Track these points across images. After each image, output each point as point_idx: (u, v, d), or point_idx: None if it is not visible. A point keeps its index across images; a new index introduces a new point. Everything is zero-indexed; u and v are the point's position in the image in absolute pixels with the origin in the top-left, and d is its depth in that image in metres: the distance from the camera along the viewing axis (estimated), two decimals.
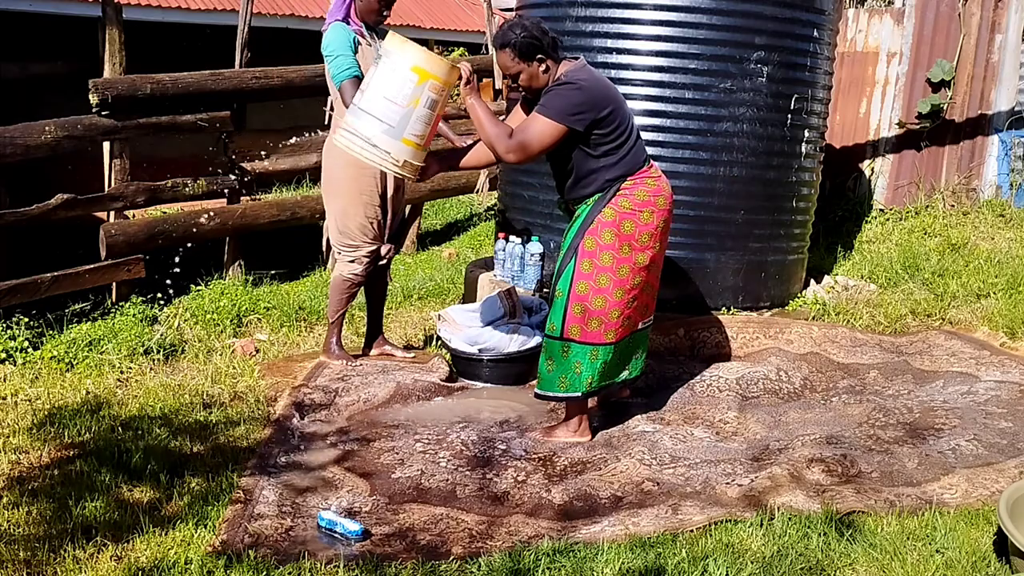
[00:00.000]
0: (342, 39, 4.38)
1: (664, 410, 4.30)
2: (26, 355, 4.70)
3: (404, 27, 12.08)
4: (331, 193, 4.60)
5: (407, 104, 3.69)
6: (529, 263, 5.39)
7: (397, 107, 3.69)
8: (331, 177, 4.58)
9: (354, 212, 4.54)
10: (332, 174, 4.57)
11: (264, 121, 6.69)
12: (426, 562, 2.92)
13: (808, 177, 5.63)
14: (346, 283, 4.71)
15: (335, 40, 4.38)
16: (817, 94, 5.52)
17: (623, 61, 5.22)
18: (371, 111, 3.72)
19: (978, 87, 7.39)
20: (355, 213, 4.54)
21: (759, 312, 5.47)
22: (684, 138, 5.20)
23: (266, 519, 3.18)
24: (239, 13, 6.41)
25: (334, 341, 4.82)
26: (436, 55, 3.88)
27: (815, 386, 4.59)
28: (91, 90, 5.30)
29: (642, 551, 2.95)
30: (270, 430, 3.97)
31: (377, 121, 3.70)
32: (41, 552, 2.92)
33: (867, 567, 2.94)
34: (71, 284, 5.28)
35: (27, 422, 3.96)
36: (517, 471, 3.68)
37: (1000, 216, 7.12)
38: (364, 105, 3.75)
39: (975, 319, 5.39)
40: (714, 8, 5.10)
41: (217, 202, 6.41)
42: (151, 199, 5.80)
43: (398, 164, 3.76)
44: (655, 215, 3.84)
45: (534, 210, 5.59)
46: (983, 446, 3.83)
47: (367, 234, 4.60)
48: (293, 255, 6.13)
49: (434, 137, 3.93)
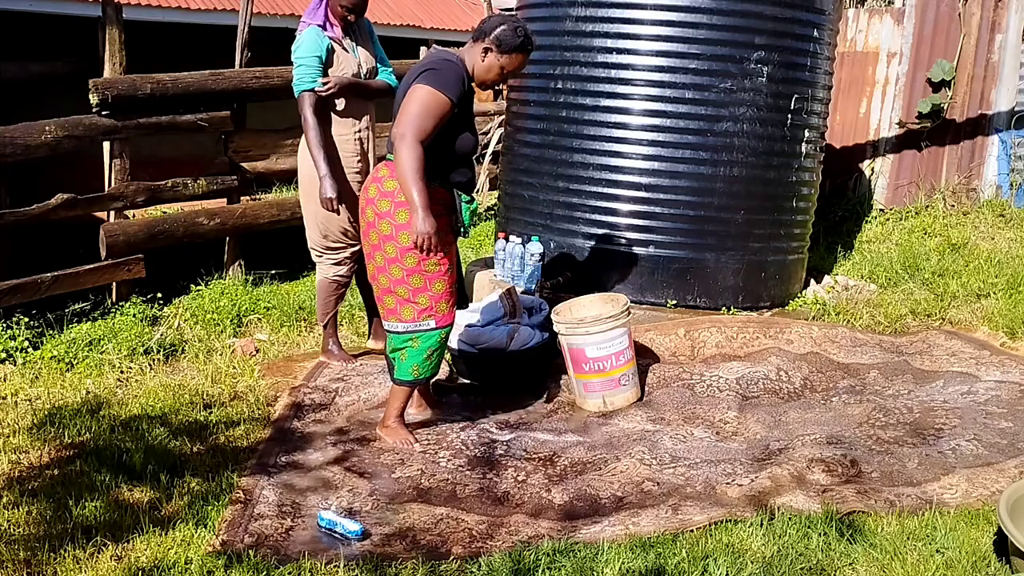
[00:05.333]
0: (310, 46, 4.37)
1: (664, 410, 4.29)
2: (26, 355, 4.70)
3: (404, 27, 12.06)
4: (311, 196, 4.58)
5: None
6: (529, 263, 5.39)
7: None
8: (309, 180, 4.56)
9: (335, 215, 4.53)
10: (310, 177, 4.54)
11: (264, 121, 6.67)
12: (426, 562, 2.92)
13: (808, 177, 5.63)
14: (332, 284, 4.71)
15: (303, 47, 4.39)
16: (817, 94, 5.52)
17: (623, 61, 5.22)
18: None
19: (978, 87, 7.39)
20: (336, 216, 4.53)
21: (759, 312, 5.47)
22: (684, 138, 5.20)
23: (266, 519, 3.18)
24: (239, 13, 6.41)
25: (332, 342, 4.83)
26: None
27: (815, 386, 4.59)
28: (91, 90, 5.30)
29: (642, 551, 2.95)
30: (270, 430, 3.97)
31: None
32: (41, 552, 2.92)
33: (867, 567, 2.94)
34: (71, 284, 5.28)
35: (27, 422, 3.96)
36: (517, 471, 3.68)
37: (1000, 216, 7.12)
38: None
39: (975, 319, 5.39)
40: (714, 8, 5.10)
41: (217, 202, 6.41)
42: (151, 199, 5.80)
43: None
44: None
45: (534, 210, 5.59)
46: (983, 446, 3.83)
47: (348, 236, 4.60)
48: (293, 255, 6.13)
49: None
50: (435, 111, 3.52)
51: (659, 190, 5.25)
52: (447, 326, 3.79)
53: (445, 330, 3.80)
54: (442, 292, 3.71)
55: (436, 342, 3.78)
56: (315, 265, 4.82)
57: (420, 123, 3.50)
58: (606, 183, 5.31)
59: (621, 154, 5.27)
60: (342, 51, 4.49)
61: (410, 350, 3.77)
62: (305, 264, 6.61)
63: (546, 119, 5.52)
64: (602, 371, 4.29)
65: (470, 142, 3.72)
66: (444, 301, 3.74)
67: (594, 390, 4.33)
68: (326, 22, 4.44)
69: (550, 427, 4.15)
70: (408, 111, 3.52)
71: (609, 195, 5.31)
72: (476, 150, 3.84)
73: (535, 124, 5.61)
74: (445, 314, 3.75)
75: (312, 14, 4.45)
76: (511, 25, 3.63)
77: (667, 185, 5.24)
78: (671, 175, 5.24)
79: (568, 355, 4.37)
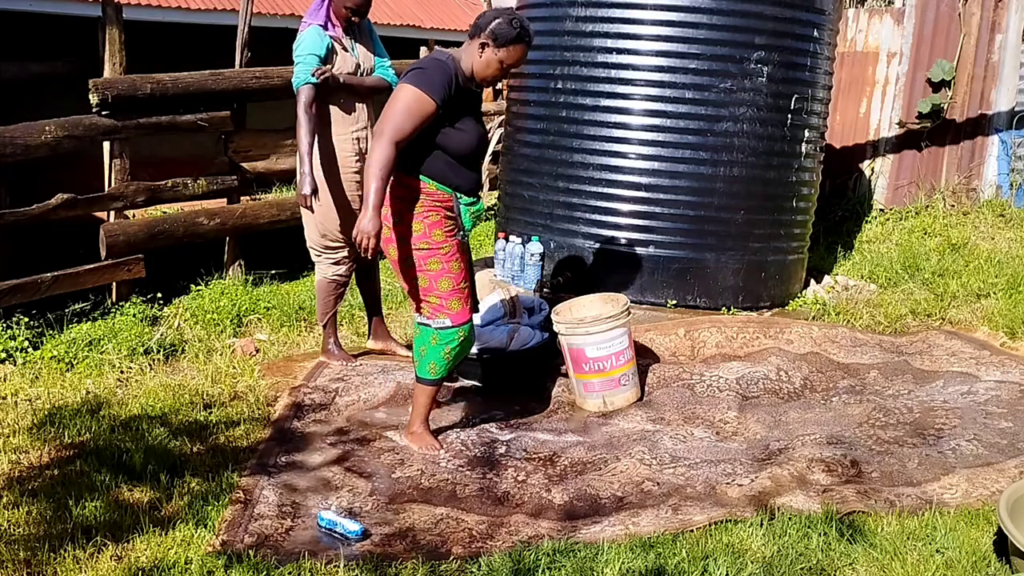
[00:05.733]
0: (311, 44, 4.38)
1: (664, 410, 4.29)
2: (26, 355, 4.70)
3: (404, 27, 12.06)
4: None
5: None
6: (529, 263, 5.39)
7: None
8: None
9: (334, 214, 4.54)
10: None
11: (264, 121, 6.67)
12: (426, 562, 2.92)
13: (808, 177, 5.63)
14: (331, 284, 4.72)
15: (304, 45, 4.40)
16: (817, 94, 5.52)
17: (623, 61, 5.22)
18: None
19: (978, 87, 7.39)
20: (335, 216, 4.54)
21: (759, 312, 5.47)
22: (684, 138, 5.20)
23: (266, 519, 3.18)
24: (239, 13, 6.41)
25: (332, 342, 4.83)
26: None
27: (815, 386, 4.59)
28: (91, 90, 5.30)
29: (643, 551, 2.95)
30: (270, 430, 3.97)
31: None
32: (41, 552, 2.92)
33: (867, 567, 2.94)
34: (71, 284, 5.28)
35: (27, 422, 3.96)
36: (517, 471, 3.68)
37: (1000, 216, 7.12)
38: None
39: (975, 319, 5.39)
40: (714, 8, 5.10)
41: (217, 202, 6.41)
42: (151, 199, 5.79)
43: None
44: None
45: (534, 210, 5.59)
46: (983, 446, 3.83)
47: (347, 235, 4.60)
48: (293, 255, 6.12)
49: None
50: (415, 112, 3.49)
51: (659, 190, 5.25)
52: (463, 324, 3.75)
53: (462, 328, 3.75)
54: (449, 290, 3.69)
55: (455, 340, 3.75)
56: (314, 265, 4.82)
57: (398, 123, 3.48)
58: (606, 183, 5.31)
59: (621, 154, 5.27)
60: (342, 50, 4.50)
61: (429, 347, 3.77)
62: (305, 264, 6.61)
63: (546, 119, 5.52)
64: (602, 371, 4.29)
65: (467, 143, 3.65)
66: (455, 299, 3.71)
67: (594, 390, 4.33)
68: (328, 22, 4.45)
69: (550, 427, 4.15)
70: (389, 110, 3.52)
71: (609, 195, 5.31)
72: (480, 151, 3.78)
73: (535, 124, 5.61)
74: (458, 312, 3.73)
75: (314, 14, 4.46)
76: (506, 18, 3.57)
77: (667, 185, 5.24)
78: (671, 175, 5.24)
79: (568, 355, 4.37)
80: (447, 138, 3.61)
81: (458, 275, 3.72)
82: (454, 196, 3.69)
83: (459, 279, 3.73)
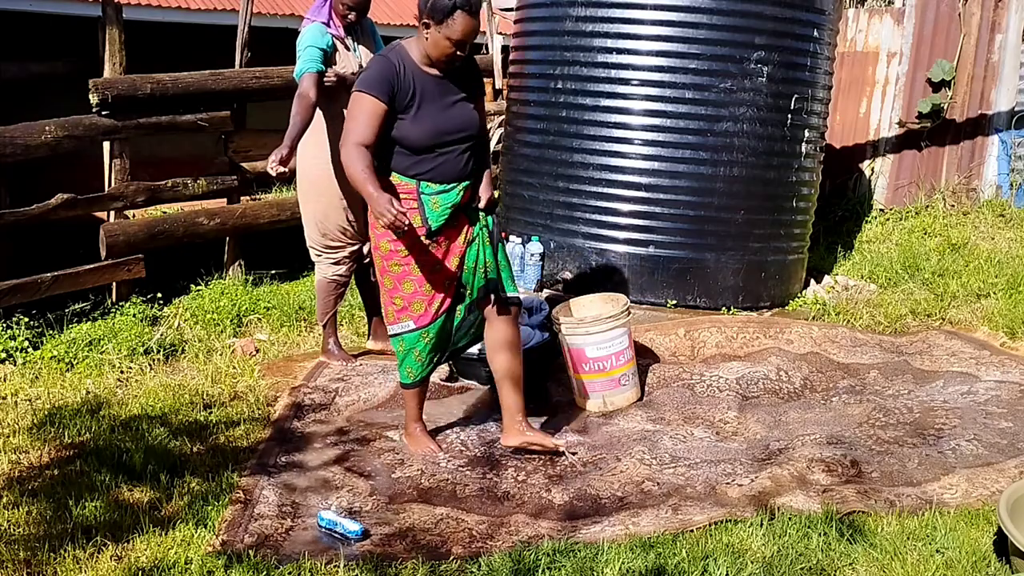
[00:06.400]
0: (313, 38, 4.39)
1: (664, 410, 4.29)
2: (26, 355, 4.70)
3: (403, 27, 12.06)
4: (309, 195, 4.58)
5: None
6: (529, 263, 5.39)
7: None
8: (308, 179, 4.56)
9: (334, 214, 4.54)
10: (308, 176, 4.55)
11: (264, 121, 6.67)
12: (426, 562, 2.92)
13: (808, 177, 5.63)
14: (332, 284, 4.72)
15: (305, 38, 4.41)
16: (817, 94, 5.52)
17: (623, 61, 5.22)
18: None
19: (978, 87, 7.39)
20: (335, 215, 4.54)
21: (759, 312, 5.47)
22: (684, 138, 5.20)
23: (266, 519, 3.18)
24: (239, 13, 6.40)
25: (331, 342, 4.83)
26: None
27: (815, 386, 4.59)
28: (91, 90, 5.30)
29: (643, 551, 2.95)
30: (270, 430, 3.97)
31: None
32: (41, 552, 2.92)
33: (867, 567, 2.94)
34: (71, 284, 5.28)
35: (27, 422, 3.96)
36: (517, 471, 3.68)
37: (1000, 216, 7.12)
38: None
39: (975, 319, 5.39)
40: (714, 8, 5.10)
41: (217, 202, 6.41)
42: (151, 199, 5.79)
43: None
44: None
45: (534, 210, 5.59)
46: (983, 446, 3.83)
47: (347, 235, 4.60)
48: (293, 255, 6.12)
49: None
50: (362, 112, 3.45)
51: (659, 190, 5.25)
52: (425, 326, 3.67)
53: (425, 331, 3.68)
54: (412, 293, 3.63)
55: (420, 342, 3.70)
56: (314, 265, 4.82)
57: (352, 126, 3.47)
58: (606, 183, 5.31)
59: (621, 154, 5.27)
60: (344, 49, 4.50)
61: (399, 353, 3.76)
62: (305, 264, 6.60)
63: (546, 119, 5.52)
64: (602, 371, 4.29)
65: (423, 133, 3.50)
66: (418, 301, 3.64)
67: (594, 390, 4.33)
68: (329, 20, 4.46)
69: (550, 427, 4.15)
70: (347, 116, 3.55)
71: (609, 195, 5.31)
72: (453, 136, 3.57)
73: (535, 124, 5.61)
74: (420, 314, 3.66)
75: (316, 12, 4.47)
76: None
77: (667, 185, 5.24)
78: (671, 175, 5.24)
79: (568, 355, 4.36)
80: (400, 131, 3.52)
81: (423, 278, 3.61)
82: (417, 187, 3.57)
83: (424, 282, 3.62)
